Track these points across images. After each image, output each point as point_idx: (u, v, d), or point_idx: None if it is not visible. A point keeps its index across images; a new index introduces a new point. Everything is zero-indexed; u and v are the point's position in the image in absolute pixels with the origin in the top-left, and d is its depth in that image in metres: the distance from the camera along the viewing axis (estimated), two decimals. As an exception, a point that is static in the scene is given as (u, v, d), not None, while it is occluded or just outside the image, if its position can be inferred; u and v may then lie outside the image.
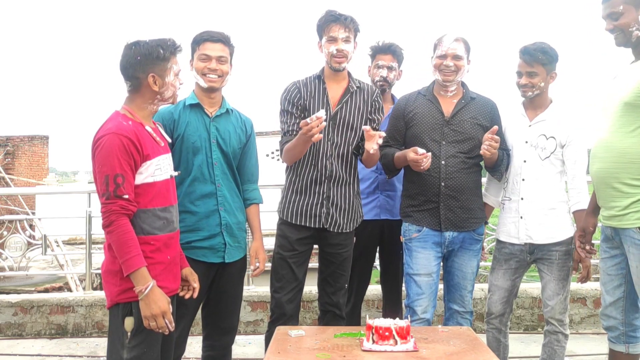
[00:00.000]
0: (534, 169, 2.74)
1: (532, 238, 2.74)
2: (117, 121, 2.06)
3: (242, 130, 2.67)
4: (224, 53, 2.55)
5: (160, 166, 2.14)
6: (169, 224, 2.15)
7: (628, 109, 2.25)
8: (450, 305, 2.81)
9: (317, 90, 2.78)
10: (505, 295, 2.84)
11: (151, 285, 2.00)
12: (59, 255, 8.84)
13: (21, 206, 13.29)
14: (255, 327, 4.26)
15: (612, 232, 2.39)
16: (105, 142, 2.01)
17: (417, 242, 2.77)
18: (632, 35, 2.28)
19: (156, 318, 2.00)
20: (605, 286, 2.50)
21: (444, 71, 2.73)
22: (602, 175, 2.34)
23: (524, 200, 2.75)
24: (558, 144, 2.71)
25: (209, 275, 2.54)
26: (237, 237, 2.62)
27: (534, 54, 2.68)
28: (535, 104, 2.79)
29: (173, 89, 2.17)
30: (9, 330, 4.25)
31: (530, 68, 2.69)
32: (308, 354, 2.14)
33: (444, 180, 2.71)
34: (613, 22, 2.30)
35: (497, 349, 2.89)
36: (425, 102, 2.81)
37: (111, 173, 1.99)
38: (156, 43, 2.11)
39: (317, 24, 2.76)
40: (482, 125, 2.75)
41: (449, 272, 2.82)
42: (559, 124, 2.74)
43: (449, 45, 2.72)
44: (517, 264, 2.81)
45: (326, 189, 2.75)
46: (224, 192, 2.58)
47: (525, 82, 2.72)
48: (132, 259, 1.98)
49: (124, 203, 2.00)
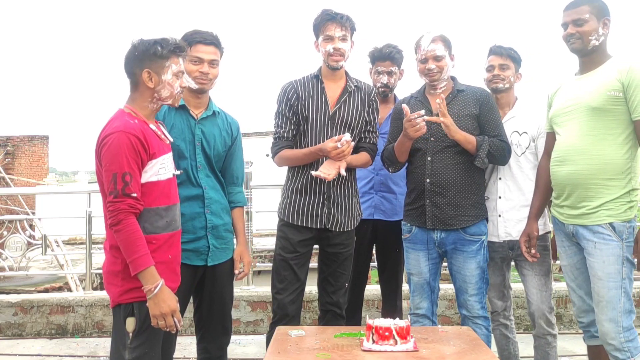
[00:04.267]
0: (510, 167, 2.81)
1: (511, 235, 2.81)
2: (124, 119, 2.06)
3: (228, 133, 2.64)
4: (215, 56, 2.52)
5: (165, 165, 2.14)
6: (171, 223, 2.15)
7: (595, 113, 2.37)
8: (459, 309, 2.80)
9: (315, 89, 2.78)
10: (501, 290, 2.92)
11: (160, 285, 2.01)
12: (59, 255, 8.85)
13: (21, 206, 13.29)
14: (255, 327, 4.26)
15: (574, 229, 2.45)
16: (113, 140, 2.00)
17: (408, 243, 2.82)
18: (589, 44, 2.42)
19: (165, 317, 2.01)
20: (576, 281, 2.54)
21: (428, 74, 2.73)
22: (576, 177, 2.42)
23: (502, 199, 2.82)
24: (531, 138, 2.81)
25: (194, 278, 2.51)
26: (224, 238, 2.60)
27: (507, 50, 2.87)
28: (502, 102, 2.90)
29: (170, 89, 2.14)
30: (9, 330, 4.26)
31: (503, 61, 2.85)
32: (308, 354, 2.14)
33: (429, 177, 2.69)
34: (576, 28, 2.42)
35: (506, 346, 2.94)
36: (416, 103, 2.81)
37: (119, 171, 1.98)
38: (155, 40, 2.10)
39: (313, 24, 2.76)
40: (472, 114, 2.71)
41: (452, 275, 2.80)
42: (528, 118, 2.84)
43: (427, 48, 2.71)
44: (501, 260, 2.90)
45: (326, 189, 2.75)
46: (211, 194, 2.54)
47: (498, 72, 2.85)
48: (141, 258, 1.98)
49: (132, 202, 2.00)
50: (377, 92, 3.00)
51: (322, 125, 2.75)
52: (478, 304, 2.70)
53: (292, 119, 2.77)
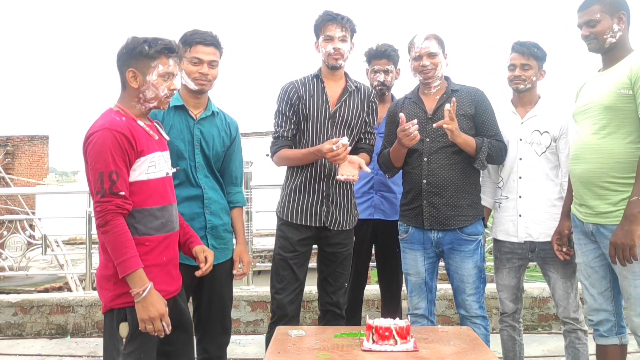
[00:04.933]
0: (530, 166, 2.76)
1: (532, 236, 2.75)
2: (110, 117, 2.00)
3: (227, 133, 2.63)
4: (215, 57, 2.51)
5: (155, 163, 2.07)
6: (166, 223, 2.10)
7: (607, 111, 2.35)
8: (458, 309, 2.80)
9: (316, 89, 2.79)
10: (514, 293, 2.85)
11: (149, 288, 1.95)
12: (59, 255, 8.84)
13: (21, 206, 13.29)
14: (255, 327, 4.26)
15: (594, 228, 2.43)
16: (97, 138, 1.94)
17: (405, 243, 2.81)
18: (605, 42, 2.39)
19: (153, 321, 1.95)
20: (589, 279, 2.51)
21: (422, 72, 2.73)
22: (589, 176, 2.40)
23: (522, 199, 2.76)
24: (552, 138, 2.75)
25: (193, 278, 2.46)
26: (224, 238, 2.59)
27: (530, 47, 2.76)
28: (524, 101, 2.83)
29: (155, 90, 2.06)
30: (9, 330, 4.26)
31: (525, 60, 2.75)
32: (308, 354, 2.13)
33: (425, 177, 2.69)
34: (589, 29, 2.40)
35: (512, 348, 2.90)
36: (410, 104, 2.82)
37: (105, 170, 1.92)
38: (145, 39, 2.04)
39: (314, 24, 2.78)
40: (467, 114, 2.72)
41: (449, 275, 2.80)
42: (550, 117, 2.77)
43: (421, 45, 2.72)
44: (519, 262, 2.83)
45: (325, 187, 2.75)
46: (210, 194, 2.54)
47: (519, 73, 2.76)
48: (129, 260, 1.93)
49: (119, 202, 1.94)
50: (375, 92, 3.00)
51: (322, 124, 2.75)
52: (476, 303, 2.70)
53: (292, 119, 2.78)
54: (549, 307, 4.24)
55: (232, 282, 2.70)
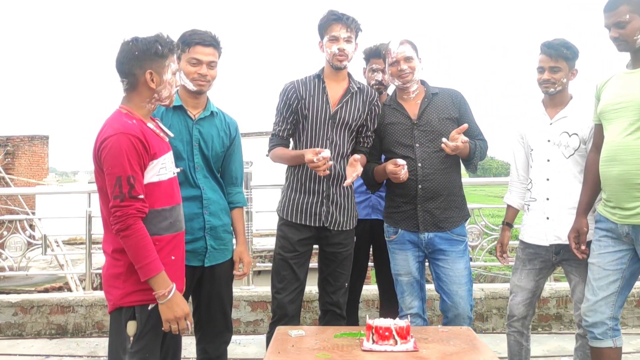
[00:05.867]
0: (558, 168, 2.68)
1: (560, 239, 2.66)
2: (123, 120, 2.01)
3: (226, 133, 2.63)
4: (214, 58, 2.50)
5: (165, 165, 2.10)
6: (175, 223, 2.12)
7: None
8: (445, 314, 2.79)
9: (316, 89, 2.78)
10: (529, 297, 2.79)
11: (173, 289, 1.99)
12: (59, 255, 8.84)
13: (21, 206, 13.29)
14: (255, 327, 4.26)
15: (631, 229, 2.38)
16: (113, 142, 1.95)
17: (395, 244, 2.83)
18: (636, 43, 2.34)
19: (179, 321, 2.01)
20: (598, 281, 2.47)
21: (401, 76, 2.75)
22: (627, 177, 2.34)
23: (550, 201, 2.69)
24: (581, 140, 2.65)
25: (192, 278, 2.50)
26: (223, 239, 2.59)
27: (559, 49, 2.64)
28: (555, 101, 2.73)
29: (170, 89, 2.11)
30: (9, 330, 4.26)
31: (554, 63, 2.65)
32: (308, 354, 2.14)
33: (421, 183, 2.71)
34: (619, 31, 2.34)
35: (518, 352, 2.84)
36: (391, 111, 2.83)
37: (123, 174, 1.94)
38: (154, 39, 2.06)
39: (318, 24, 2.77)
40: (451, 118, 2.76)
41: (438, 278, 2.78)
42: (581, 119, 2.66)
43: (397, 50, 2.75)
44: (541, 264, 2.76)
45: (325, 188, 2.75)
46: (209, 194, 2.54)
47: (548, 77, 2.66)
48: (152, 264, 1.96)
49: (139, 205, 1.96)
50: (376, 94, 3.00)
51: (322, 124, 2.75)
52: (468, 306, 2.74)
53: (289, 119, 2.79)
54: (549, 307, 4.24)
55: (232, 282, 2.70)
